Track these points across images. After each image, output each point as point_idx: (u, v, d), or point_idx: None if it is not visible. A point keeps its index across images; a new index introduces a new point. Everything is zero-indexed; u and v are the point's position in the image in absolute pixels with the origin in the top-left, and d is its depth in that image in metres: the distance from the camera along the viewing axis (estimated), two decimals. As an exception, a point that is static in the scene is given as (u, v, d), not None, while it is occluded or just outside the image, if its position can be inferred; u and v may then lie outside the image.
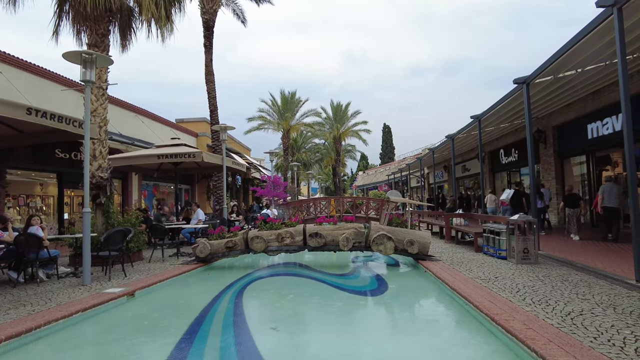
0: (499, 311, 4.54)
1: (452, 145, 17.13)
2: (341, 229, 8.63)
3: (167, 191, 23.38)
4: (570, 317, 4.32)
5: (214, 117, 16.96)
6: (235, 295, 6.44)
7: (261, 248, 8.61)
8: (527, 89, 9.78)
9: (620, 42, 6.21)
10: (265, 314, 5.66)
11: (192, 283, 7.65)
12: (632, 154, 6.25)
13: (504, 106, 12.42)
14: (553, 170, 15.93)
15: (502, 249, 8.33)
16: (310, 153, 44.31)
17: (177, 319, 5.28)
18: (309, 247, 8.58)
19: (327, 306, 5.86)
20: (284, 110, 31.73)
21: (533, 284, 5.99)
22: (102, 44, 9.32)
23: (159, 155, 11.88)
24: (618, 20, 6.20)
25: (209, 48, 17.19)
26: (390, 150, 65.08)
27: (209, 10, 16.93)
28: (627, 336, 3.70)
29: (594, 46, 7.96)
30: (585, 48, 8.02)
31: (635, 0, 6.08)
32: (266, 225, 8.96)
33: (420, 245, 8.31)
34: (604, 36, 7.42)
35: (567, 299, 5.11)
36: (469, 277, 6.57)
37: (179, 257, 9.93)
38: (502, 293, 5.43)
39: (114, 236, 7.67)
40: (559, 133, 15.68)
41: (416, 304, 6.18)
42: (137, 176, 18.81)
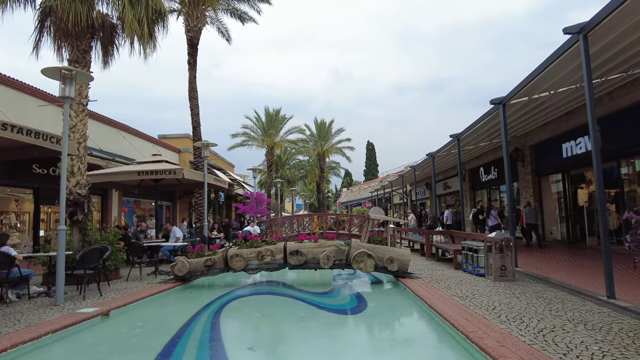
0: (474, 329, 4.59)
1: (432, 163, 17.40)
2: (322, 246, 8.64)
3: (148, 207, 23.04)
4: (542, 333, 4.40)
5: (196, 134, 16.93)
6: (213, 315, 6.36)
7: (241, 266, 8.54)
8: (504, 109, 10.08)
9: (586, 67, 6.49)
10: (243, 334, 5.59)
11: (170, 302, 7.52)
12: (601, 174, 6.47)
13: (482, 125, 12.75)
14: (531, 188, 16.30)
15: (480, 266, 8.44)
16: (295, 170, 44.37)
17: (152, 339, 5.18)
18: (290, 265, 8.55)
19: (305, 326, 5.83)
20: (268, 127, 31.83)
21: (509, 301, 6.08)
22: (83, 60, 9.29)
23: (139, 171, 11.76)
24: (584, 47, 6.49)
25: (193, 65, 17.27)
26: (374, 167, 65.63)
27: (194, 28, 17.06)
28: (595, 352, 3.78)
29: (564, 70, 8.29)
30: (556, 72, 8.35)
31: (599, 28, 6.38)
32: (246, 243, 8.90)
33: (400, 262, 8.37)
34: (573, 61, 7.74)
35: (541, 315, 5.20)
36: (447, 294, 6.63)
37: (157, 276, 9.76)
38: (479, 310, 5.50)
39: (90, 254, 7.52)
40: (536, 152, 16.11)
41: (394, 322, 6.18)
42: (117, 192, 18.51)
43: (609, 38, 7.11)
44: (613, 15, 6.01)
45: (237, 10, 19.08)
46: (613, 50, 7.86)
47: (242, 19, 19.52)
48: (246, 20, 19.60)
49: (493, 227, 14.38)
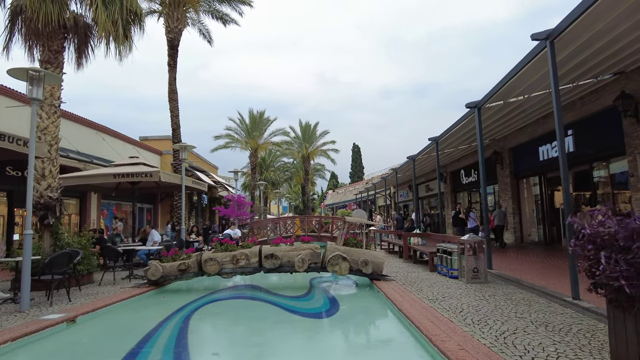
0: (438, 332, 4.63)
1: (413, 166, 17.54)
2: (297, 249, 8.62)
3: (128, 210, 22.75)
4: (503, 336, 4.46)
5: (176, 135, 16.78)
6: (184, 319, 6.28)
7: (215, 270, 8.47)
8: (479, 112, 10.21)
9: (553, 73, 6.61)
10: (210, 339, 5.54)
11: (141, 307, 7.42)
12: (567, 178, 6.59)
13: (460, 129, 12.90)
14: (509, 190, 16.54)
15: (454, 269, 8.52)
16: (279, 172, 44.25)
17: (117, 344, 5.10)
18: (265, 269, 8.51)
19: (274, 330, 5.80)
20: (252, 129, 31.70)
21: (477, 303, 6.15)
22: (55, 60, 9.14)
23: (116, 174, 11.60)
24: (551, 53, 6.62)
25: (173, 67, 17.13)
26: (359, 169, 65.87)
27: (174, 29, 16.93)
28: (550, 353, 3.84)
29: (535, 75, 8.44)
30: (528, 77, 8.49)
31: (565, 35, 6.52)
32: (221, 246, 8.84)
33: (374, 265, 8.40)
34: (543, 66, 7.88)
35: (506, 317, 5.27)
36: (417, 297, 6.68)
37: (132, 280, 9.63)
38: (446, 313, 5.55)
39: (59, 259, 7.37)
40: (514, 155, 16.36)
41: (362, 326, 6.17)
42: (96, 195, 18.24)
43: (576, 44, 7.26)
44: (578, 22, 6.14)
45: (219, 12, 18.99)
46: (582, 56, 8.03)
47: (224, 21, 19.43)
48: (228, 22, 19.52)
49: (472, 229, 14.56)
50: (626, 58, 8.42)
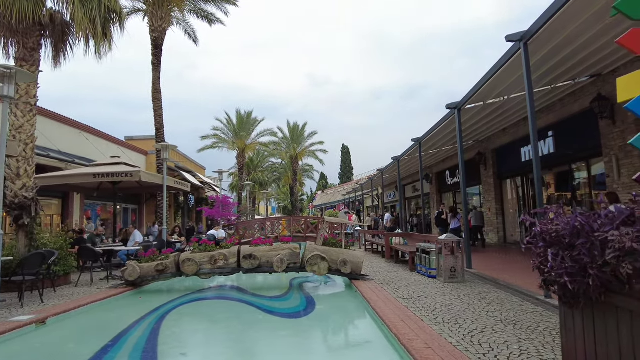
0: (407, 331, 4.64)
1: (397, 166, 17.62)
2: (276, 250, 8.59)
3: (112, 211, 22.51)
4: (471, 335, 4.49)
5: (159, 135, 16.66)
6: (157, 320, 6.22)
7: (193, 271, 8.40)
8: (459, 113, 10.29)
9: (527, 74, 6.69)
10: (180, 339, 5.48)
11: (116, 308, 7.33)
12: (539, 178, 6.67)
13: (442, 130, 12.99)
14: (493, 191, 16.69)
15: (432, 268, 8.57)
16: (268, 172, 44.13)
17: (85, 346, 5.02)
18: (243, 270, 8.47)
19: (247, 330, 5.77)
20: (239, 129, 31.57)
21: (451, 302, 6.19)
22: (31, 58, 9.00)
23: (95, 174, 11.47)
24: (524, 54, 6.70)
25: (157, 66, 16.99)
26: (349, 170, 65.99)
27: (158, 28, 16.80)
28: (513, 351, 3.88)
29: (513, 76, 8.52)
30: (505, 78, 8.58)
31: (539, 37, 6.60)
32: (199, 247, 8.78)
33: (353, 265, 8.41)
34: (520, 67, 7.96)
35: (477, 316, 5.31)
36: (393, 296, 6.70)
37: (110, 281, 9.51)
38: (418, 312, 5.57)
39: (31, 259, 7.26)
40: (498, 156, 16.51)
41: (335, 325, 6.15)
42: (79, 196, 18.00)
43: (551, 46, 7.36)
44: (550, 24, 6.22)
45: (204, 11, 18.89)
46: (557, 58, 8.14)
47: (209, 20, 19.33)
48: (213, 22, 19.42)
49: (455, 229, 14.68)
50: (600, 61, 8.55)
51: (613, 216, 2.23)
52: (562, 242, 2.43)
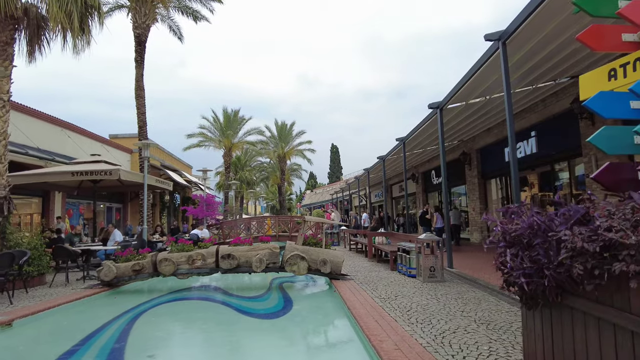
0: (379, 332, 4.58)
1: (382, 166, 17.61)
2: (255, 249, 8.49)
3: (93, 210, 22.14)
4: (442, 335, 4.44)
5: (142, 133, 16.43)
6: (129, 321, 6.09)
7: (170, 271, 8.26)
8: (441, 113, 10.28)
9: (505, 73, 6.68)
10: (150, 341, 5.36)
11: (89, 309, 7.16)
12: (517, 178, 6.67)
13: (426, 129, 12.98)
14: (477, 190, 16.77)
15: (412, 267, 8.54)
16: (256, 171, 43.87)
17: (50, 349, 4.88)
18: (222, 270, 8.35)
19: (219, 331, 5.68)
20: (226, 127, 31.30)
21: (427, 302, 6.15)
22: (4, 53, 8.77)
23: (74, 172, 11.23)
24: (503, 54, 6.69)
25: (140, 63, 16.74)
26: (338, 169, 65.98)
27: (142, 25, 16.55)
28: (482, 352, 3.84)
29: (493, 76, 8.53)
30: (485, 78, 8.58)
31: (517, 36, 6.59)
32: (177, 246, 8.63)
33: (333, 264, 8.34)
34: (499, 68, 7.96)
35: (451, 316, 5.27)
36: (371, 296, 6.64)
37: (85, 281, 9.32)
38: (393, 312, 5.52)
39: (0, 260, 7.05)
40: (482, 155, 16.59)
41: (311, 326, 6.07)
42: (60, 194, 17.67)
43: (530, 46, 7.36)
44: (527, 24, 6.20)
45: (189, 8, 18.66)
46: (537, 58, 8.15)
47: (194, 17, 19.10)
48: (199, 19, 19.19)
49: (440, 228, 14.74)
50: (580, 62, 8.59)
51: (569, 215, 2.19)
52: (522, 242, 2.38)
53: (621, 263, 1.77)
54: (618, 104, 2.77)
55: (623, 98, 2.77)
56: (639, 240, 1.73)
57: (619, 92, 2.79)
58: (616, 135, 2.90)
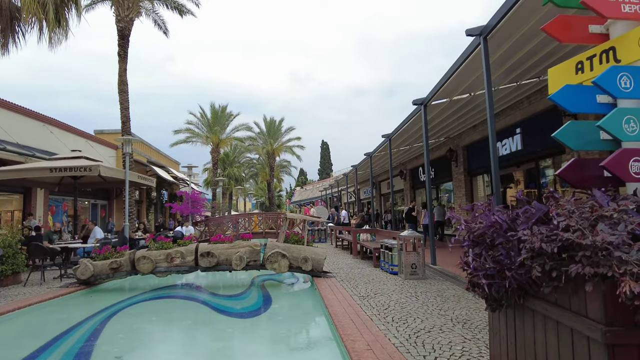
0: (353, 331, 4.49)
1: (370, 163, 17.54)
2: (236, 247, 8.36)
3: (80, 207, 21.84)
4: (417, 335, 4.37)
5: (125, 129, 16.15)
6: (102, 321, 5.93)
7: (148, 269, 8.10)
8: (425, 109, 10.21)
9: (486, 70, 6.62)
10: (120, 342, 5.21)
11: (62, 308, 6.97)
12: (497, 174, 6.63)
13: (412, 126, 12.91)
14: (463, 187, 16.77)
15: (394, 265, 8.48)
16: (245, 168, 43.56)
17: (15, 350, 4.72)
18: (201, 268, 8.21)
19: (192, 330, 5.56)
20: (213, 123, 30.98)
21: (406, 300, 6.08)
22: (-25, 45, 8.50)
23: (52, 168, 10.97)
24: (484, 50, 6.61)
25: (124, 57, 16.43)
26: (328, 166, 65.88)
27: (124, 18, 16.22)
28: (455, 352, 3.77)
29: (476, 72, 8.46)
30: (468, 74, 8.51)
31: (498, 31, 6.52)
32: (156, 244, 8.46)
33: (314, 261, 8.24)
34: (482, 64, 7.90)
35: (428, 315, 5.20)
36: (350, 294, 6.56)
37: (62, 280, 9.12)
38: (369, 311, 5.44)
39: (-31, 258, 6.83)
40: (468, 152, 16.58)
41: (287, 325, 5.94)
42: (42, 191, 17.34)
43: (511, 42, 7.29)
44: (507, 19, 6.14)
45: (174, 2, 18.34)
46: (521, 54, 8.09)
47: (180, 11, 18.80)
48: (184, 13, 18.89)
49: (426, 225, 14.74)
50: (563, 58, 8.54)
51: (531, 214, 2.10)
52: (485, 241, 2.30)
53: (577, 265, 1.68)
54: (584, 98, 2.69)
55: (589, 92, 2.69)
56: (595, 241, 1.64)
57: (586, 85, 2.71)
58: (583, 131, 2.83)
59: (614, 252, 1.58)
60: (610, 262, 1.58)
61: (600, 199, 1.92)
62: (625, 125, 2.53)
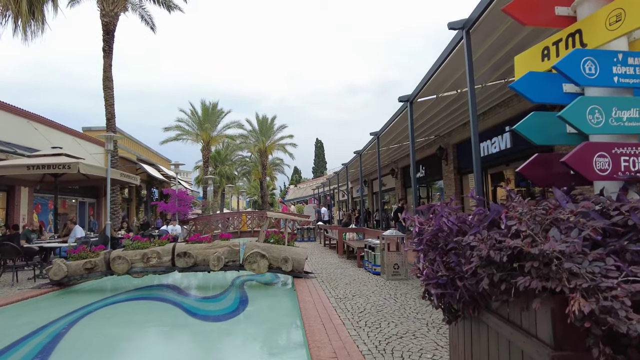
0: (322, 337, 4.28)
1: (359, 160, 17.34)
2: (214, 247, 8.12)
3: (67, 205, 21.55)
4: (387, 341, 4.16)
5: (110, 126, 15.84)
6: (66, 325, 5.69)
7: (123, 270, 7.85)
8: (411, 106, 9.99)
9: (468, 65, 6.40)
10: (79, 348, 4.96)
11: (29, 311, 6.69)
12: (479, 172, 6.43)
13: (400, 123, 12.70)
14: (453, 186, 16.60)
15: (377, 265, 8.28)
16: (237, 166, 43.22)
17: (-33, 358, 4.47)
18: (178, 268, 7.97)
19: (157, 335, 5.35)
20: (204, 120, 30.63)
21: (384, 302, 5.87)
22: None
23: (29, 165, 10.67)
24: (467, 44, 6.39)
25: (109, 53, 16.09)
26: (322, 164, 65.63)
27: (109, 13, 15.87)
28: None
29: (461, 68, 8.24)
30: (454, 70, 8.29)
31: (480, 25, 6.30)
32: (132, 243, 8.21)
33: (295, 262, 8.02)
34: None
35: (404, 319, 4.99)
36: (328, 295, 6.35)
37: (37, 280, 8.84)
38: (343, 314, 5.23)
39: None
40: (458, 151, 16.40)
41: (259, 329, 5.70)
42: (26, 189, 17.03)
43: (497, 35, 7.07)
44: (490, 11, 5.92)
45: (160, -4, 18.02)
46: (506, 49, 7.88)
47: (167, 6, 18.46)
48: (172, 8, 18.56)
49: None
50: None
51: (484, 216, 1.89)
52: (438, 246, 2.08)
53: (525, 277, 1.47)
54: (549, 87, 2.47)
55: (555, 80, 2.47)
56: (544, 250, 1.42)
57: (551, 73, 2.49)
58: (547, 123, 2.60)
59: (564, 262, 1.37)
60: (560, 274, 1.37)
61: (559, 199, 1.71)
62: (589, 116, 2.31)
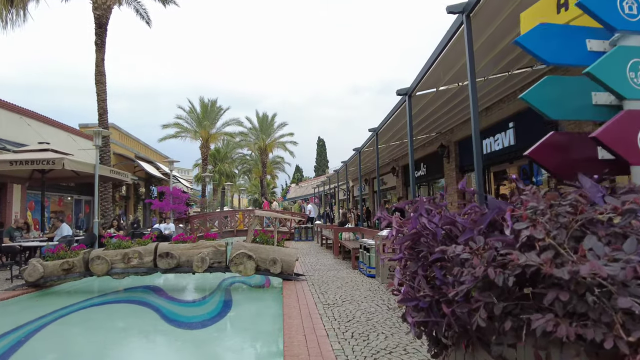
0: (301, 351, 3.82)
1: (358, 158, 16.88)
2: (198, 247, 7.67)
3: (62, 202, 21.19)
4: (374, 357, 3.69)
5: (102, 122, 15.49)
6: (32, 332, 5.26)
7: (103, 270, 7.41)
8: (409, 100, 9.51)
9: (469, 51, 5.91)
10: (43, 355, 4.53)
11: (-2, 315, 6.28)
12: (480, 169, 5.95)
13: (399, 119, 12.21)
14: (455, 184, 16.10)
15: (372, 267, 7.81)
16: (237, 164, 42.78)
17: None
18: (161, 270, 7.52)
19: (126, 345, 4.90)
20: (203, 117, 30.19)
21: (375, 309, 5.40)
22: None
23: (12, 161, 10.27)
24: (467, 29, 5.90)
25: (101, 47, 15.69)
26: (324, 163, 65.03)
27: (102, 6, 15.46)
28: (412, 383, 3.10)
29: (462, 59, 7.74)
30: (454, 60, 7.80)
31: (482, 8, 5.82)
32: (113, 243, 7.78)
33: (284, 263, 7.56)
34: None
35: (395, 329, 4.52)
36: (316, 301, 5.89)
37: (14, 281, 8.42)
38: (329, 323, 4.76)
39: None
40: (460, 148, 15.90)
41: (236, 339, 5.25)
42: (19, 186, 16.66)
43: (500, 20, 6.56)
44: (492, -7, 5.44)
45: (155, -11, 17.59)
46: (510, 36, 7.36)
47: (162, 0, 18.05)
48: (167, 2, 18.15)
49: None
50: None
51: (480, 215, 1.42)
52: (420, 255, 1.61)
53: (546, 314, 0.93)
54: (568, 44, 1.79)
55: (576, 35, 1.82)
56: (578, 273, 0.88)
57: (570, 25, 1.90)
58: (565, 91, 1.91)
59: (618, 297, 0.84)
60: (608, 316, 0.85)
61: (590, 191, 1.19)
62: (630, 73, 1.63)
